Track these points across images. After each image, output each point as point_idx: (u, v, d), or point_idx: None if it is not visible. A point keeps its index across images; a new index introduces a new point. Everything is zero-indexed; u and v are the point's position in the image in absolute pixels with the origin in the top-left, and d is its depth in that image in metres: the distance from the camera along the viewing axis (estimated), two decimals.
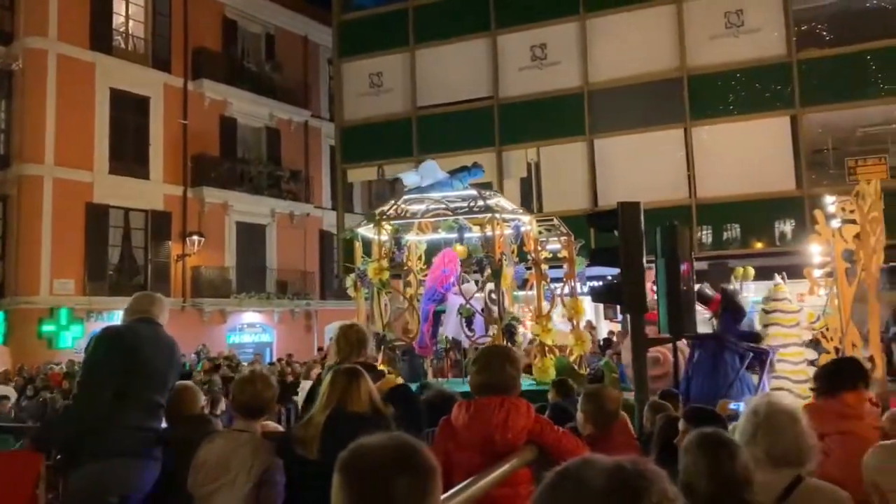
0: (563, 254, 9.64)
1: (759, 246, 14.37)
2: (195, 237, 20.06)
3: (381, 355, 8.31)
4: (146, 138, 19.67)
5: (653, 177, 14.42)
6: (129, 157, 19.31)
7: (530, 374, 8.68)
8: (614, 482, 1.08)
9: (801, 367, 7.17)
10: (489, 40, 16.78)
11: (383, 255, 8.67)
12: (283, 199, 22.50)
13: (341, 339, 3.96)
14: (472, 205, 8.72)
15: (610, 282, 6.64)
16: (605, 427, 3.73)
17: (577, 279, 9.42)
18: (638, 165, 14.82)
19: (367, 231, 9.27)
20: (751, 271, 8.31)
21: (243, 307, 21.33)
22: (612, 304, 11.18)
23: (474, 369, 3.15)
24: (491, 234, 8.36)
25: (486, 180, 13.04)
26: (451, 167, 9.84)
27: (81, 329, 17.37)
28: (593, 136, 15.68)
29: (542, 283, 9.12)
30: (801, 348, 7.42)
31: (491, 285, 8.42)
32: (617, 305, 8.54)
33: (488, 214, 8.47)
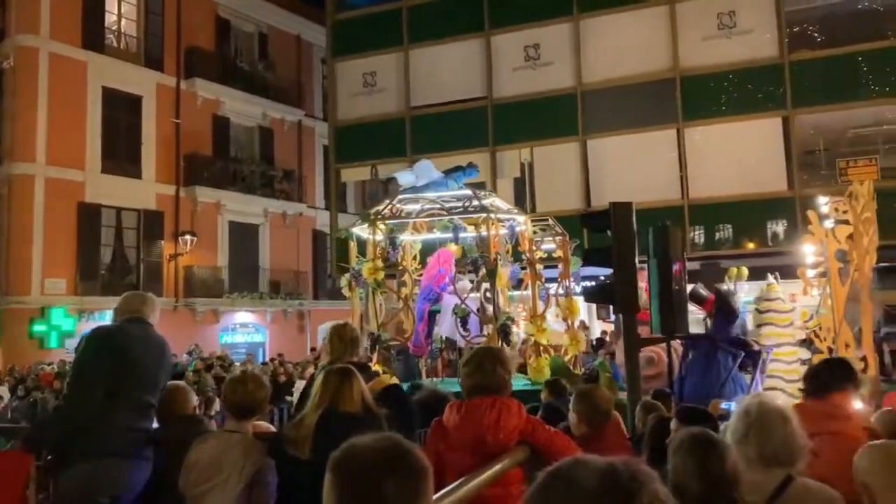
0: (557, 253, 9.66)
1: (751, 246, 14.42)
2: (188, 237, 20.00)
3: (376, 355, 8.31)
4: (138, 137, 19.59)
5: (646, 177, 14.44)
6: (122, 156, 19.23)
7: (525, 374, 8.70)
8: (606, 483, 1.08)
9: (795, 366, 7.20)
10: (483, 40, 16.78)
11: (378, 255, 8.67)
12: (276, 199, 22.45)
13: (334, 338, 3.97)
14: (467, 205, 8.73)
15: (602, 282, 6.65)
16: (598, 427, 3.73)
17: (571, 279, 9.44)
18: (631, 166, 14.86)
19: (362, 231, 9.26)
20: (745, 271, 8.32)
21: (236, 307, 21.27)
22: (605, 304, 11.21)
23: (465, 371, 3.15)
24: (486, 233, 8.37)
25: (479, 180, 13.05)
26: (445, 167, 9.83)
27: (73, 329, 17.28)
28: (586, 136, 15.70)
29: (536, 283, 9.14)
30: (794, 348, 7.46)
31: (486, 285, 8.43)
32: (609, 305, 8.56)
33: (483, 214, 8.48)
